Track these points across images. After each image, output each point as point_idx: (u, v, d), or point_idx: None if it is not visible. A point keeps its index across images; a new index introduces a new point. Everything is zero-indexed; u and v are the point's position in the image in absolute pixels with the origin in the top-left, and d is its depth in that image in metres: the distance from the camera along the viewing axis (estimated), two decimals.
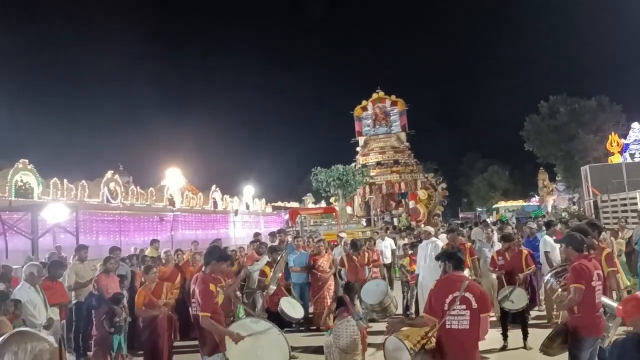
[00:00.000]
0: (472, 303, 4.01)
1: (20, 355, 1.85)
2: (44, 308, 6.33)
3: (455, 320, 4.02)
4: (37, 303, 6.22)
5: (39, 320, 6.01)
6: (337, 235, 13.57)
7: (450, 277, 4.30)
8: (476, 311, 4.00)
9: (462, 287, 4.06)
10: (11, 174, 16.21)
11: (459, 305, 4.01)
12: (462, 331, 4.01)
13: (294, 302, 7.92)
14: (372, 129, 38.27)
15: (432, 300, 4.19)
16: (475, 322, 4.00)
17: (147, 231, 21.18)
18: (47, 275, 7.22)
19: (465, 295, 4.02)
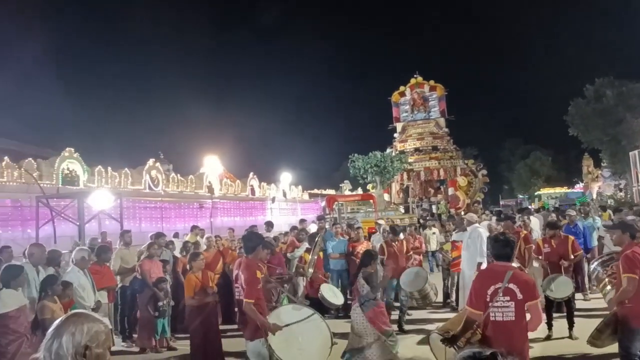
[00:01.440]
0: (517, 294, 3.82)
1: (77, 336, 1.88)
2: (92, 291, 6.54)
3: (499, 312, 3.86)
4: (86, 286, 6.43)
5: (88, 303, 6.20)
6: (375, 222, 13.49)
7: (493, 267, 4.13)
8: (521, 302, 3.81)
9: (506, 278, 3.85)
10: (58, 162, 16.74)
11: (502, 297, 3.83)
12: (508, 322, 3.84)
13: (334, 288, 7.91)
14: (410, 115, 37.75)
15: (473, 293, 4.03)
16: (521, 312, 3.83)
17: (187, 218, 21.58)
18: (96, 260, 7.44)
19: (508, 287, 3.83)
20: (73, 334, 1.87)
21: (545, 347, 7.15)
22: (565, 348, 7.08)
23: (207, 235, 11.10)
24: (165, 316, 7.93)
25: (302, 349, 4.74)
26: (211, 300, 6.60)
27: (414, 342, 7.57)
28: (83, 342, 1.87)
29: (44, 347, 1.88)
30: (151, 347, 7.86)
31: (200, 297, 6.40)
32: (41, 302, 4.95)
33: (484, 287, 3.94)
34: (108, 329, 2.00)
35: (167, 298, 8.02)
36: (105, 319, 2.06)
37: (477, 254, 8.11)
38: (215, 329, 6.69)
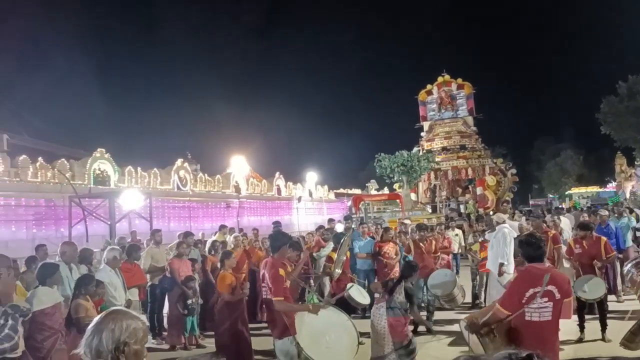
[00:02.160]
0: (555, 295, 3.77)
1: (117, 332, 1.93)
2: (123, 290, 6.68)
3: (536, 312, 3.79)
4: (117, 285, 6.57)
5: (119, 302, 6.33)
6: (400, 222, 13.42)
7: (531, 269, 3.99)
8: (559, 301, 3.78)
9: (545, 281, 3.77)
10: (90, 162, 17.14)
11: (540, 299, 3.77)
12: (544, 322, 3.79)
13: (361, 288, 7.90)
14: (437, 114, 37.41)
15: (509, 294, 3.97)
16: (557, 312, 3.80)
17: (214, 217, 21.83)
18: (126, 259, 7.59)
19: (548, 289, 3.77)
20: (112, 331, 1.92)
21: (578, 349, 7.00)
22: (598, 350, 6.93)
23: (234, 235, 11.21)
24: (194, 314, 8.03)
25: (330, 347, 4.76)
26: (243, 297, 6.63)
27: (444, 344, 7.51)
28: (122, 338, 1.92)
29: (84, 343, 1.93)
30: (181, 345, 7.99)
31: (235, 294, 6.41)
32: (75, 301, 5.07)
33: (521, 290, 3.86)
34: (145, 326, 2.05)
35: (196, 296, 8.13)
36: (142, 316, 2.11)
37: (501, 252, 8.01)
38: (247, 326, 6.73)
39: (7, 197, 14.24)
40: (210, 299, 9.05)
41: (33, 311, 4.78)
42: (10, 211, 14.29)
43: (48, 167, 15.79)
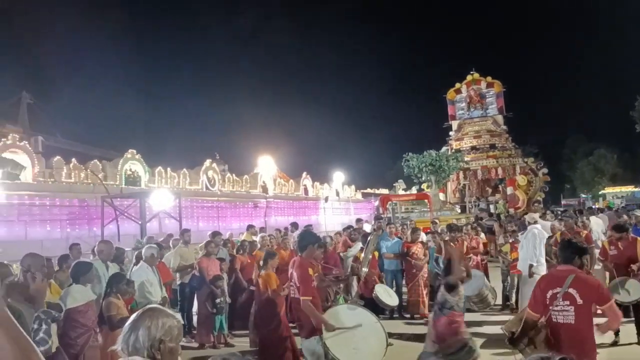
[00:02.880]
0: (577, 299, 3.77)
1: (153, 330, 1.97)
2: (159, 287, 6.79)
3: (560, 315, 3.84)
4: (154, 282, 6.69)
5: (155, 298, 6.42)
6: (431, 222, 13.27)
7: (554, 271, 4.10)
8: (583, 307, 3.76)
9: (567, 282, 3.80)
10: (121, 163, 17.49)
11: (561, 301, 3.81)
12: (567, 325, 3.81)
13: (389, 289, 7.85)
14: (466, 112, 36.91)
15: (533, 296, 4.06)
16: (581, 317, 3.77)
17: (242, 217, 22.03)
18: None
19: (568, 292, 3.80)
20: (149, 328, 1.96)
21: (612, 353, 6.81)
22: (633, 354, 6.75)
23: (261, 234, 11.26)
24: (222, 313, 8.11)
25: (357, 348, 4.72)
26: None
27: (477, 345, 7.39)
28: (158, 336, 1.95)
29: (121, 339, 1.98)
30: (209, 343, 8.06)
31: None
32: (107, 299, 5.17)
33: (543, 292, 3.94)
34: (180, 324, 2.08)
35: (224, 295, 8.20)
36: (177, 314, 2.14)
37: (530, 254, 7.85)
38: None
39: (42, 197, 14.64)
40: (238, 298, 9.14)
41: (67, 309, 4.90)
42: (45, 211, 14.69)
43: (81, 168, 16.18)
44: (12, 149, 14.06)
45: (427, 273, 9.66)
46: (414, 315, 9.42)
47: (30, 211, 14.29)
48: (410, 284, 9.63)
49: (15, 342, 1.28)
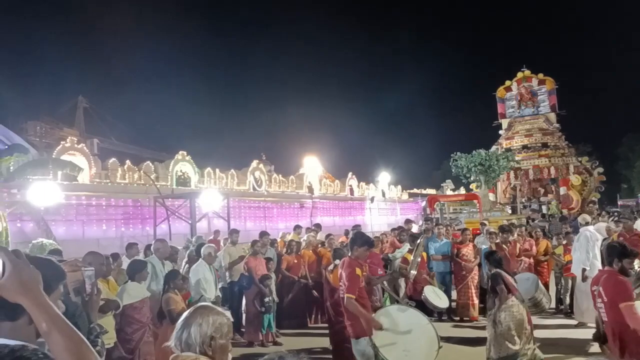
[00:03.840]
0: (603, 297, 4.04)
1: (204, 326, 2.02)
2: (214, 285, 6.94)
3: (602, 312, 4.12)
4: (210, 280, 6.84)
5: (209, 295, 6.57)
6: (480, 223, 12.96)
7: (598, 273, 4.34)
8: (608, 304, 3.99)
9: (600, 281, 4.11)
10: (172, 164, 17.99)
11: (598, 299, 4.12)
12: (606, 323, 4.10)
13: (438, 291, 7.71)
14: (516, 111, 35.86)
15: (592, 296, 4.32)
16: (611, 315, 3.98)
17: (288, 217, 22.20)
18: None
19: (599, 290, 4.09)
20: (200, 325, 2.01)
21: None
22: None
23: (307, 234, 11.32)
24: (270, 312, 8.19)
25: (408, 350, 4.65)
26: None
27: None
28: (209, 332, 2.00)
29: (174, 336, 2.04)
30: (258, 341, 8.16)
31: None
32: (165, 295, 5.32)
33: (592, 292, 4.26)
34: (230, 321, 2.12)
35: (272, 295, 8.28)
36: (227, 312, 2.18)
37: (583, 257, 7.55)
38: None
39: (98, 198, 15.24)
40: (285, 297, 9.23)
41: (123, 305, 5.09)
42: (101, 211, 15.28)
43: (135, 170, 16.75)
44: (71, 152, 14.71)
45: (477, 275, 9.46)
46: (464, 318, 9.24)
47: (87, 211, 14.89)
48: (459, 286, 9.45)
49: (69, 339, 1.33)
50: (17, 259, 1.34)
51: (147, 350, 5.19)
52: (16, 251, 1.38)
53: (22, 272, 1.33)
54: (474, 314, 9.24)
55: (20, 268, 1.34)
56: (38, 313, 1.35)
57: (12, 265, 1.32)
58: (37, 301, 1.35)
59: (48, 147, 22.72)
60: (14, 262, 1.33)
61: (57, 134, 38.85)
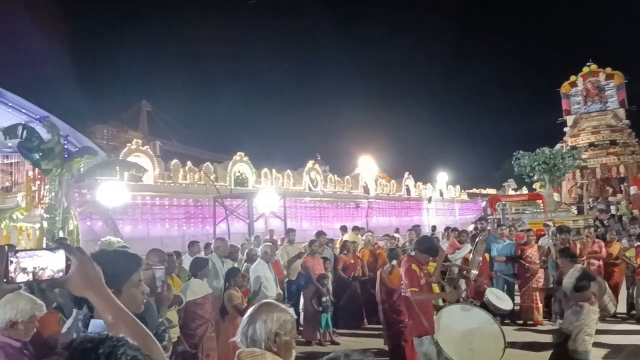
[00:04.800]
0: None
1: (269, 323, 2.05)
2: (274, 284, 7.04)
3: None
4: (270, 278, 6.95)
5: (270, 294, 6.67)
6: (543, 224, 12.47)
7: None
8: None
9: None
10: (230, 165, 18.39)
11: None
12: None
13: (500, 293, 7.48)
14: (582, 107, 34.27)
15: None
16: None
17: (344, 217, 22.16)
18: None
19: None
20: (265, 322, 2.04)
21: None
22: None
23: (365, 234, 11.30)
24: (328, 311, 8.20)
25: (473, 349, 4.57)
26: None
27: (598, 356, 6.83)
28: (273, 329, 2.03)
29: (240, 331, 2.08)
30: (316, 340, 8.19)
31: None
32: (227, 292, 5.46)
33: None
34: (294, 318, 2.13)
35: (330, 294, 8.29)
36: (291, 309, 2.19)
37: None
38: None
39: (162, 198, 15.79)
40: (342, 297, 9.22)
41: (186, 301, 5.24)
42: (164, 210, 15.83)
43: (195, 170, 17.25)
44: (136, 153, 15.33)
45: (542, 278, 9.11)
46: (527, 322, 8.91)
47: (151, 210, 15.46)
48: (523, 289, 9.13)
49: (133, 330, 1.39)
50: (81, 256, 1.40)
51: (210, 345, 5.33)
52: (80, 248, 1.44)
53: (86, 267, 1.39)
54: (539, 317, 8.91)
55: (85, 264, 1.39)
56: (103, 306, 1.42)
57: (78, 262, 1.37)
58: (101, 294, 1.42)
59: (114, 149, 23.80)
60: (79, 259, 1.38)
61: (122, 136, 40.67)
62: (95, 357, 1.04)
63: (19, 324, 2.78)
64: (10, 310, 2.75)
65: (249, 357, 2.00)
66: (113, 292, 1.72)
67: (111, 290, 1.72)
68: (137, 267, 1.87)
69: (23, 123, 10.70)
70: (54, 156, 10.45)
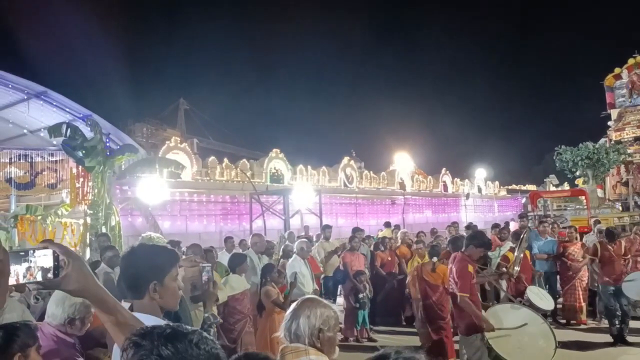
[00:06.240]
0: None
1: (312, 319, 2.04)
2: (310, 279, 7.06)
3: None
4: (306, 274, 6.97)
5: (307, 289, 6.69)
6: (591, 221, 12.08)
7: None
8: None
9: None
10: (266, 162, 18.53)
11: None
12: None
13: (542, 292, 7.29)
14: (627, 100, 33.01)
15: None
16: None
17: (380, 214, 22.06)
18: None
19: None
20: (308, 317, 2.03)
21: None
22: None
23: (402, 230, 11.20)
24: (365, 308, 8.16)
25: (522, 348, 4.51)
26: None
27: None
28: (317, 325, 2.02)
29: (283, 326, 2.08)
30: (353, 337, 8.17)
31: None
32: (264, 288, 5.50)
33: None
34: (337, 314, 2.12)
35: (367, 290, 8.24)
36: (334, 305, 2.18)
37: None
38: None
39: (199, 194, 16.05)
40: (379, 294, 9.16)
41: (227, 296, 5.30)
42: (202, 206, 16.08)
43: (232, 167, 17.45)
44: (175, 151, 15.61)
45: (585, 276, 8.82)
46: (570, 322, 8.65)
47: (189, 207, 15.74)
48: (566, 288, 8.86)
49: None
50: (77, 255, 1.41)
51: (249, 340, 5.37)
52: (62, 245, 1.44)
53: (83, 266, 1.39)
54: (582, 317, 8.65)
55: (82, 262, 1.39)
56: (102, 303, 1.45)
57: (74, 260, 1.37)
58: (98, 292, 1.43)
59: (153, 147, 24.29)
60: (74, 258, 1.38)
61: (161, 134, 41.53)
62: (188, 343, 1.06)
63: (76, 321, 2.85)
64: (68, 308, 2.82)
65: (293, 352, 1.99)
66: (155, 284, 1.75)
67: (154, 283, 1.76)
68: (176, 261, 1.91)
69: (67, 122, 11.00)
70: (96, 154, 10.72)
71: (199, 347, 1.05)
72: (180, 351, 1.03)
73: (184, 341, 1.05)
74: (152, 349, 1.04)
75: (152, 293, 1.77)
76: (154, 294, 1.76)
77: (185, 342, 1.05)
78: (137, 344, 1.06)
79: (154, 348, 1.04)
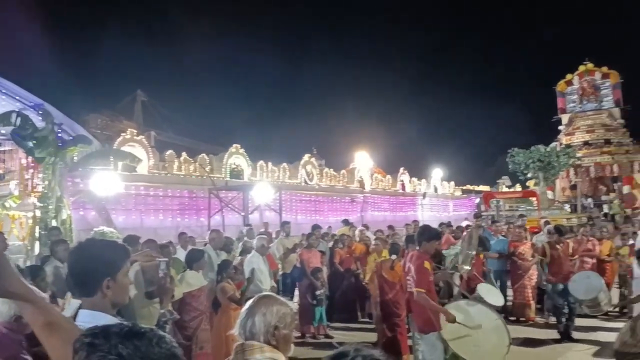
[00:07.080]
0: None
1: (268, 316, 2.03)
2: (268, 276, 7.04)
3: None
4: (264, 271, 6.94)
5: (264, 287, 6.66)
6: (538, 222, 12.52)
7: None
8: None
9: None
10: (226, 157, 18.31)
11: None
12: None
13: (492, 288, 7.50)
14: (578, 105, 34.42)
15: None
16: None
17: (339, 211, 22.17)
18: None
19: None
20: (264, 315, 2.02)
21: None
22: None
23: (359, 228, 11.31)
24: (322, 305, 8.21)
25: (478, 345, 4.59)
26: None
27: (587, 354, 6.90)
28: (273, 322, 2.01)
29: (239, 324, 2.06)
30: (310, 334, 8.20)
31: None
32: (220, 285, 5.45)
33: None
34: (293, 312, 2.12)
35: (324, 287, 8.29)
36: (290, 302, 2.18)
37: None
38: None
39: (156, 188, 15.71)
40: (336, 291, 9.23)
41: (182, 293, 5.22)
42: (158, 201, 15.75)
43: (190, 162, 17.15)
44: (130, 143, 15.21)
45: (535, 275, 9.15)
46: (520, 319, 8.96)
47: (145, 201, 15.38)
48: (516, 286, 9.17)
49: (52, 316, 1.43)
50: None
51: (204, 337, 5.31)
52: None
53: (6, 265, 1.36)
54: (531, 314, 8.97)
55: (4, 261, 1.36)
56: (27, 295, 1.43)
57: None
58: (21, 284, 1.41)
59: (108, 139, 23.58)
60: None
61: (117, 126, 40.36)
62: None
63: (23, 319, 2.76)
64: (15, 305, 2.72)
65: (248, 350, 1.98)
66: (108, 281, 1.72)
67: (107, 279, 1.72)
68: (128, 257, 1.88)
69: (17, 110, 10.56)
70: (47, 144, 10.35)
71: (160, 346, 1.03)
72: (140, 350, 1.00)
73: (143, 340, 1.02)
74: (110, 348, 0.99)
75: (105, 290, 1.73)
76: (107, 291, 1.72)
77: (144, 340, 1.02)
78: (91, 344, 1.01)
79: (112, 347, 0.99)
